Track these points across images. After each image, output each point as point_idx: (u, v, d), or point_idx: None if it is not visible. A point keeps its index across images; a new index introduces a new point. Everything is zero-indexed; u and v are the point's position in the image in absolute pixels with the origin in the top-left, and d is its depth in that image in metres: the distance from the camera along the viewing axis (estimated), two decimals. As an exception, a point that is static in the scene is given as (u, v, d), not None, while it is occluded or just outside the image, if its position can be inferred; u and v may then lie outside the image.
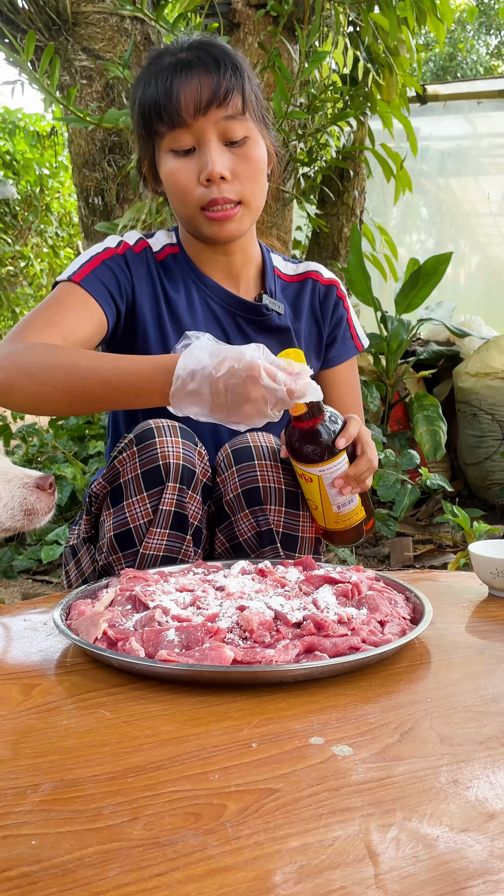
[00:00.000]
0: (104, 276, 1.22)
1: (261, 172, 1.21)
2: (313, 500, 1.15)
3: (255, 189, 1.20)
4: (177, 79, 1.14)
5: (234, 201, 1.19)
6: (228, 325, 1.30)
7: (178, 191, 1.19)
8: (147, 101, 1.17)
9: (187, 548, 1.15)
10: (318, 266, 1.41)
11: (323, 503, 1.14)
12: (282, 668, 0.78)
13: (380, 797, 0.60)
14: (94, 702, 0.77)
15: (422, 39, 9.03)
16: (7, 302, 7.11)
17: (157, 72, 1.17)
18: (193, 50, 1.17)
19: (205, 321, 1.29)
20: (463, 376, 3.43)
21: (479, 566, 1.10)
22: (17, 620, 1.02)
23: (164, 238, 1.33)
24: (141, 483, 1.12)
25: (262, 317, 1.31)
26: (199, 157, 1.16)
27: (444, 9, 2.92)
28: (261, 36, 2.88)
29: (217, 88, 1.13)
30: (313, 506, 1.16)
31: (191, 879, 0.51)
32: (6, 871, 0.52)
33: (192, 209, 1.19)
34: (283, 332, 1.33)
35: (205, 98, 1.13)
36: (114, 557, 1.16)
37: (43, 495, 1.05)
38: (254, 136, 1.19)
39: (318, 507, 1.15)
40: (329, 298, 1.39)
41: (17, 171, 7.01)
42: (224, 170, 1.16)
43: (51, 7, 2.64)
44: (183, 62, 1.15)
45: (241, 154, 1.18)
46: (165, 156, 1.19)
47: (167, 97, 1.14)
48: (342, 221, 3.72)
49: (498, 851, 0.53)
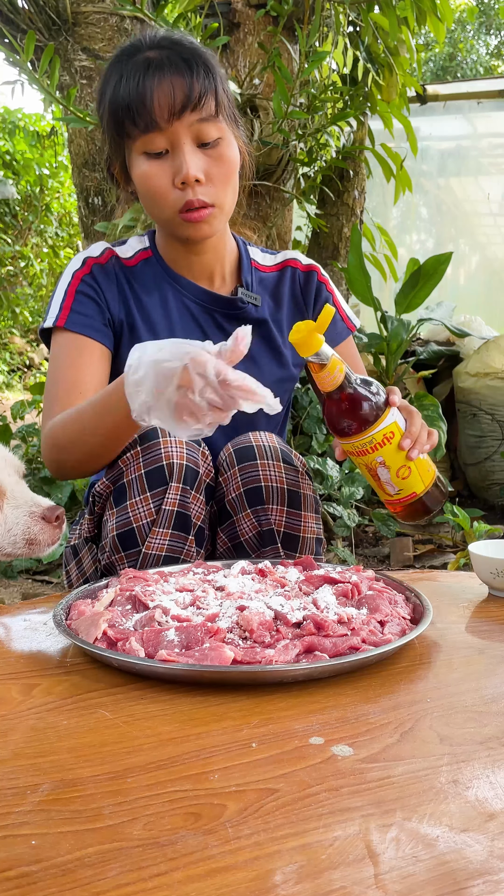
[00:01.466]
0: (84, 309, 1.25)
1: (234, 173, 1.21)
2: (372, 470, 1.09)
3: (227, 190, 1.21)
4: (148, 80, 1.13)
5: (209, 204, 1.19)
6: (205, 322, 1.31)
7: (153, 194, 1.19)
8: (118, 103, 1.16)
9: (189, 548, 1.15)
10: (297, 254, 1.41)
11: (388, 468, 1.08)
12: (282, 668, 0.78)
13: (380, 797, 0.60)
14: (94, 702, 0.77)
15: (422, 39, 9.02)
16: (7, 302, 7.11)
17: (127, 71, 1.15)
18: (164, 49, 1.16)
19: (181, 321, 1.30)
20: (463, 376, 3.43)
21: (479, 566, 1.10)
22: (17, 620, 1.02)
23: (136, 244, 1.34)
24: (144, 483, 1.13)
25: (238, 310, 1.31)
26: (173, 160, 1.16)
27: (444, 9, 2.92)
28: (261, 36, 2.88)
29: (190, 91, 1.13)
30: (374, 478, 1.10)
31: (191, 879, 0.51)
32: (6, 871, 0.52)
33: (168, 212, 1.19)
34: (261, 323, 1.33)
35: (178, 102, 1.12)
36: (116, 557, 1.16)
37: (48, 527, 1.04)
38: (226, 137, 1.19)
39: (378, 478, 1.09)
40: (310, 284, 1.38)
41: (17, 171, 7.01)
42: (198, 172, 1.15)
43: (51, 7, 2.64)
44: (154, 63, 1.14)
45: (214, 156, 1.17)
46: (138, 158, 1.18)
47: (140, 100, 1.13)
48: (342, 221, 3.72)
49: (498, 851, 0.53)
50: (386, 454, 1.06)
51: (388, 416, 1.05)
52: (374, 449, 1.06)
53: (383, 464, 1.07)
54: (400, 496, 1.10)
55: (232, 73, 2.93)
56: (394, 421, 1.06)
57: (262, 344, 1.33)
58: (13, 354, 7.77)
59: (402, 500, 1.10)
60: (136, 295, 1.29)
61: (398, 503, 1.11)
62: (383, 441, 1.05)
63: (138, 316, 1.28)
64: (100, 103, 1.21)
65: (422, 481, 1.09)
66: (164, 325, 1.28)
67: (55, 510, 1.05)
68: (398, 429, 1.06)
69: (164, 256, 1.32)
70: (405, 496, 1.10)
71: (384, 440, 1.05)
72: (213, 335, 1.30)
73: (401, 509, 1.12)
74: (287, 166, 2.95)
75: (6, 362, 7.72)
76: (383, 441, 1.05)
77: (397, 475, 1.08)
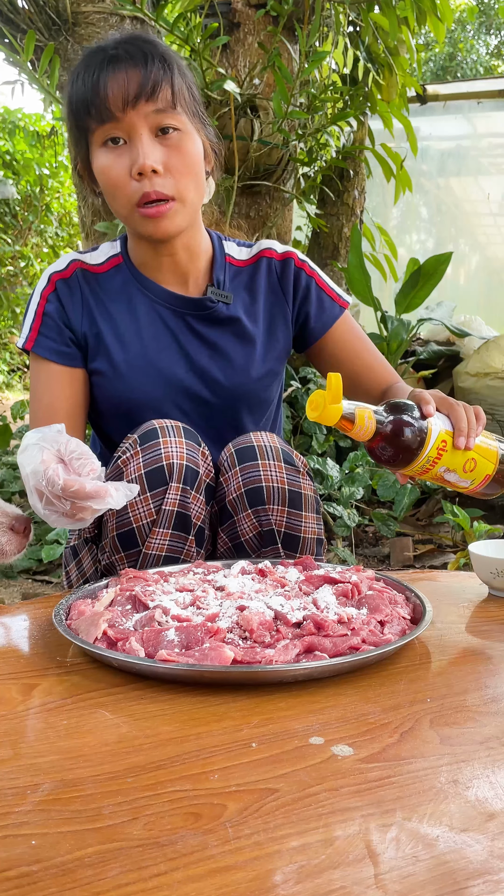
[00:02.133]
0: (49, 332, 1.27)
1: (194, 166, 1.18)
2: (440, 479, 1.08)
3: (188, 184, 1.18)
4: (104, 73, 1.13)
5: (168, 196, 1.17)
6: (176, 327, 1.29)
7: (111, 186, 1.18)
8: (76, 98, 1.16)
9: (189, 548, 1.15)
10: (272, 243, 1.38)
11: (453, 471, 1.06)
12: (282, 668, 0.78)
13: (380, 797, 0.60)
14: (94, 702, 0.77)
15: (422, 39, 9.02)
16: (7, 302, 7.11)
17: (85, 68, 1.16)
18: (122, 45, 1.16)
19: (150, 327, 1.29)
20: (463, 376, 3.43)
21: (479, 566, 1.10)
22: (17, 620, 1.02)
23: (108, 250, 1.33)
24: (144, 483, 1.13)
25: (208, 310, 1.30)
26: (131, 151, 1.15)
27: (444, 9, 2.92)
28: (261, 36, 2.88)
29: (144, 81, 1.12)
30: (445, 483, 1.09)
31: (191, 879, 0.51)
32: (6, 871, 0.52)
33: (128, 207, 1.18)
34: (232, 321, 1.31)
35: (132, 91, 1.12)
36: (116, 557, 1.16)
37: (14, 537, 1.05)
38: (186, 130, 1.17)
39: (449, 482, 1.08)
40: (287, 272, 1.35)
41: (17, 171, 7.01)
42: (156, 163, 1.14)
43: (51, 7, 2.64)
44: (111, 57, 1.14)
45: (173, 146, 1.16)
46: (98, 151, 1.18)
47: (94, 92, 1.13)
48: (342, 221, 3.72)
49: (498, 851, 0.53)
50: (447, 462, 1.04)
51: (432, 432, 1.03)
52: (434, 464, 1.04)
53: (448, 470, 1.05)
54: (474, 485, 1.09)
55: (232, 73, 2.93)
56: (440, 431, 1.03)
57: (236, 342, 1.31)
58: (13, 354, 7.78)
59: (478, 486, 1.09)
60: (102, 305, 1.29)
61: (475, 491, 1.10)
62: (438, 454, 1.03)
63: (105, 326, 1.28)
64: (66, 102, 1.21)
65: (489, 462, 1.07)
66: (133, 333, 1.28)
67: (22, 520, 1.06)
68: (447, 434, 1.04)
69: (134, 261, 1.31)
70: (479, 482, 1.08)
71: (439, 453, 1.03)
72: (184, 339, 1.29)
73: (479, 493, 1.12)
74: (287, 166, 2.95)
75: (6, 362, 7.73)
76: (438, 454, 1.03)
77: (464, 471, 1.06)
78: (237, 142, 2.76)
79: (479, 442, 1.07)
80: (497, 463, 1.09)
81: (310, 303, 1.34)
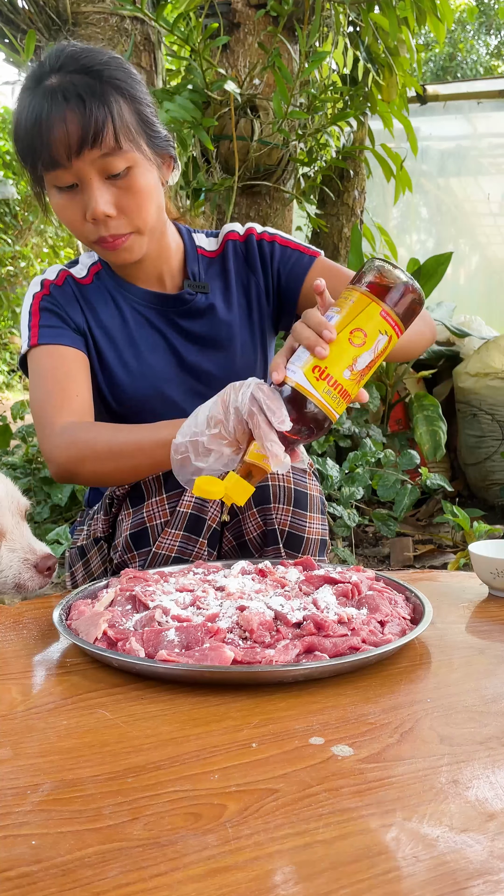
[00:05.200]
0: (50, 321, 1.25)
1: (149, 198, 1.17)
2: (372, 365, 0.93)
3: (145, 216, 1.17)
4: (45, 116, 1.08)
5: (125, 234, 1.17)
6: (162, 325, 1.31)
7: (69, 226, 1.18)
8: (22, 139, 1.13)
9: (200, 550, 1.16)
10: (234, 225, 1.38)
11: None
12: (282, 668, 0.78)
13: (380, 797, 0.60)
14: (94, 702, 0.77)
15: (422, 39, 9.02)
16: (7, 302, 7.11)
17: (30, 101, 1.11)
18: (64, 71, 1.10)
19: (137, 329, 1.30)
20: (463, 376, 3.43)
21: (479, 566, 1.10)
22: (17, 620, 1.02)
23: (87, 260, 1.34)
24: (162, 484, 1.14)
25: (188, 304, 1.31)
26: (83, 195, 1.14)
27: (444, 9, 2.92)
28: (261, 36, 2.88)
29: (85, 127, 1.08)
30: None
31: (191, 879, 0.51)
32: (6, 871, 0.52)
33: (87, 242, 1.19)
34: (213, 310, 1.32)
35: (74, 142, 1.08)
36: (128, 556, 1.18)
37: (37, 576, 1.06)
38: (137, 163, 1.14)
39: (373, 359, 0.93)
40: (250, 247, 1.35)
41: (17, 171, 7.01)
42: (107, 207, 1.13)
43: (51, 7, 2.64)
44: (51, 93, 1.09)
45: (124, 186, 1.14)
46: (51, 190, 1.17)
47: (39, 140, 1.10)
48: (342, 221, 3.72)
49: (498, 851, 0.53)
50: (336, 370, 0.90)
51: (302, 384, 0.90)
52: (336, 385, 0.90)
53: (350, 366, 0.91)
54: (388, 344, 0.93)
55: (232, 73, 2.93)
56: (303, 371, 0.90)
57: (220, 331, 1.32)
58: (13, 354, 7.77)
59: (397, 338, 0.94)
60: (93, 311, 1.29)
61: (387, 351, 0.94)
62: (328, 380, 0.90)
63: (99, 331, 1.29)
64: (14, 131, 1.17)
65: (376, 327, 0.92)
66: (123, 336, 1.29)
67: (48, 560, 1.07)
68: (312, 364, 0.90)
69: (112, 267, 1.32)
70: (379, 343, 0.92)
71: (327, 379, 0.90)
72: (171, 336, 1.31)
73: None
74: (287, 166, 2.95)
75: (6, 362, 7.73)
76: (328, 380, 0.90)
77: (355, 345, 0.91)
78: (237, 142, 2.76)
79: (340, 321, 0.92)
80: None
81: (276, 262, 1.34)
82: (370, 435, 3.08)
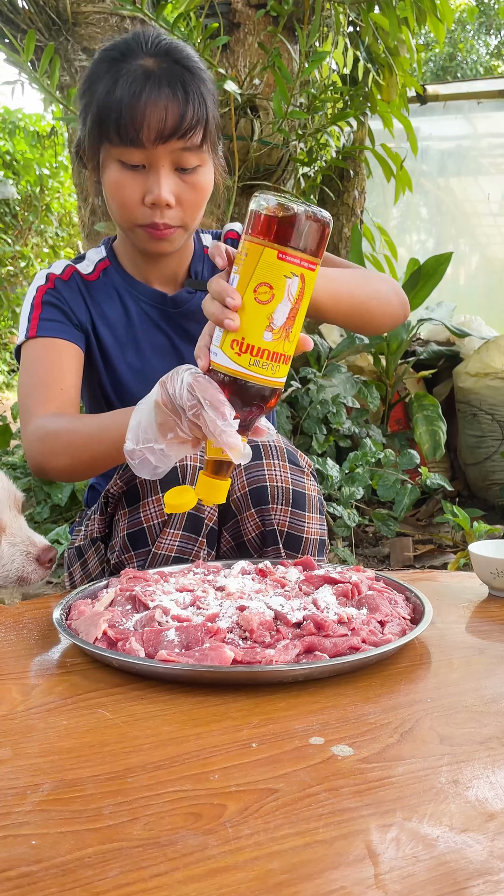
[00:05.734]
0: (52, 315, 1.25)
1: (205, 198, 1.20)
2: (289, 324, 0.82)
3: (195, 214, 1.20)
4: (143, 96, 1.09)
5: (175, 226, 1.18)
6: (167, 326, 1.31)
7: (120, 205, 1.17)
8: (109, 108, 1.12)
9: (199, 549, 1.16)
10: (234, 224, 1.39)
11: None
12: (282, 668, 0.78)
13: (380, 797, 0.60)
14: (94, 702, 0.77)
15: (422, 39, 9.02)
16: (7, 302, 7.11)
17: (122, 75, 1.11)
18: (162, 59, 1.11)
19: (142, 329, 1.30)
20: (463, 376, 3.43)
21: (479, 566, 1.10)
22: (17, 620, 1.02)
23: (94, 256, 1.34)
24: (158, 484, 1.14)
25: (188, 302, 1.31)
26: (148, 178, 1.14)
27: (444, 9, 2.92)
28: (261, 36, 2.88)
29: (181, 121, 1.10)
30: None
31: (191, 879, 0.51)
32: (6, 871, 0.52)
33: (131, 223, 1.19)
34: None
35: (169, 129, 1.10)
36: (126, 556, 1.18)
37: (39, 568, 1.07)
38: (205, 164, 1.17)
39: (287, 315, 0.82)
40: None
41: (17, 171, 7.01)
42: (170, 196, 1.14)
43: (51, 7, 2.64)
44: (153, 76, 1.10)
45: (190, 182, 1.16)
46: (112, 163, 1.16)
47: (130, 115, 1.09)
48: (342, 221, 3.72)
49: (498, 851, 0.53)
50: (253, 335, 0.81)
51: (222, 363, 0.82)
52: (261, 353, 0.81)
53: (269, 325, 0.81)
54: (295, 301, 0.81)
55: (232, 73, 2.92)
56: (219, 349, 0.83)
57: None
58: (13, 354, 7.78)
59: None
60: (98, 307, 1.29)
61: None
62: (250, 349, 0.81)
63: (102, 327, 1.29)
64: (86, 92, 1.17)
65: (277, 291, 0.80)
66: (128, 335, 1.29)
67: (49, 552, 1.07)
68: (227, 341, 0.82)
69: (123, 262, 1.32)
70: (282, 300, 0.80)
71: (241, 347, 0.81)
72: (175, 336, 1.31)
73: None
74: (287, 166, 2.95)
75: (6, 362, 7.72)
76: (250, 349, 0.81)
77: (259, 301, 0.80)
78: (237, 142, 2.76)
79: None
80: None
81: None
82: (370, 435, 3.08)
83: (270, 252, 0.78)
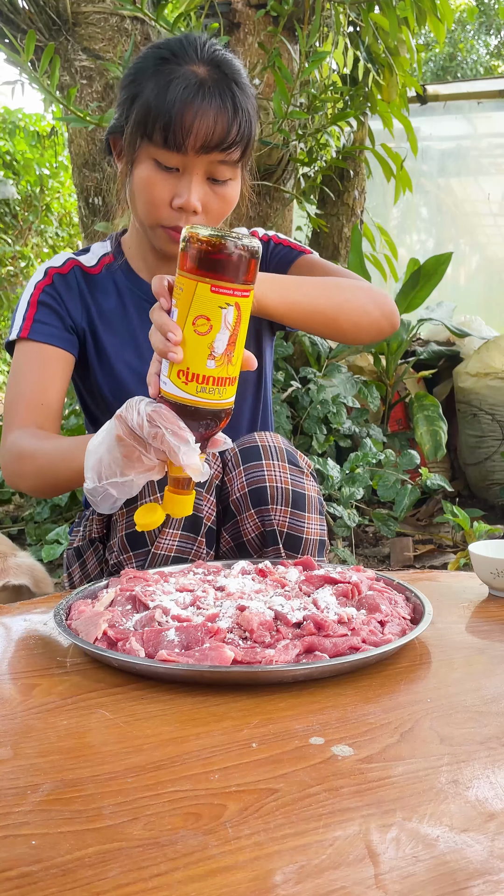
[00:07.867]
0: (46, 317, 1.26)
1: (229, 210, 1.21)
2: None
3: (218, 223, 1.21)
4: (195, 104, 1.09)
5: None
6: None
7: (147, 202, 1.18)
8: (158, 109, 1.11)
9: (199, 548, 1.16)
10: (240, 230, 1.40)
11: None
12: (282, 668, 0.78)
13: (380, 797, 0.60)
14: (94, 702, 0.77)
15: (422, 39, 9.02)
16: (7, 302, 7.11)
17: (176, 78, 1.10)
18: (213, 68, 1.12)
19: (141, 327, 1.30)
20: (463, 376, 3.43)
21: (479, 566, 1.10)
22: (17, 620, 1.02)
23: (99, 250, 1.34)
24: (155, 483, 1.13)
25: None
26: (180, 182, 1.15)
27: (444, 9, 2.92)
28: (261, 36, 2.88)
29: (227, 135, 1.11)
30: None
31: (191, 879, 0.51)
32: (6, 871, 0.52)
33: (155, 223, 1.19)
34: None
35: (214, 140, 1.11)
36: (125, 556, 1.17)
37: None
38: (237, 178, 1.19)
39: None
40: None
41: (17, 171, 7.01)
42: (198, 204, 1.15)
43: (51, 7, 2.64)
44: (207, 86, 1.10)
45: (219, 193, 1.17)
46: (147, 160, 1.16)
47: (180, 120, 1.10)
48: (342, 221, 3.72)
49: (498, 851, 0.53)
50: (197, 364, 0.84)
51: (169, 391, 0.86)
52: (207, 380, 0.85)
53: (210, 354, 0.84)
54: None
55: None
56: (165, 373, 0.87)
57: None
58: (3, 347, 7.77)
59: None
60: (97, 303, 1.30)
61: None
62: (190, 378, 0.84)
63: (100, 324, 1.29)
64: (131, 85, 1.16)
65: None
66: (126, 331, 1.29)
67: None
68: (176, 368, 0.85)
69: (130, 258, 1.32)
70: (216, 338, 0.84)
71: (186, 378, 0.85)
72: None
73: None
74: (287, 166, 2.95)
75: (6, 363, 7.72)
76: (190, 378, 0.84)
77: (197, 332, 0.84)
78: (237, 142, 2.76)
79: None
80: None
81: (268, 258, 1.37)
82: (370, 435, 3.08)
83: (203, 287, 0.81)
